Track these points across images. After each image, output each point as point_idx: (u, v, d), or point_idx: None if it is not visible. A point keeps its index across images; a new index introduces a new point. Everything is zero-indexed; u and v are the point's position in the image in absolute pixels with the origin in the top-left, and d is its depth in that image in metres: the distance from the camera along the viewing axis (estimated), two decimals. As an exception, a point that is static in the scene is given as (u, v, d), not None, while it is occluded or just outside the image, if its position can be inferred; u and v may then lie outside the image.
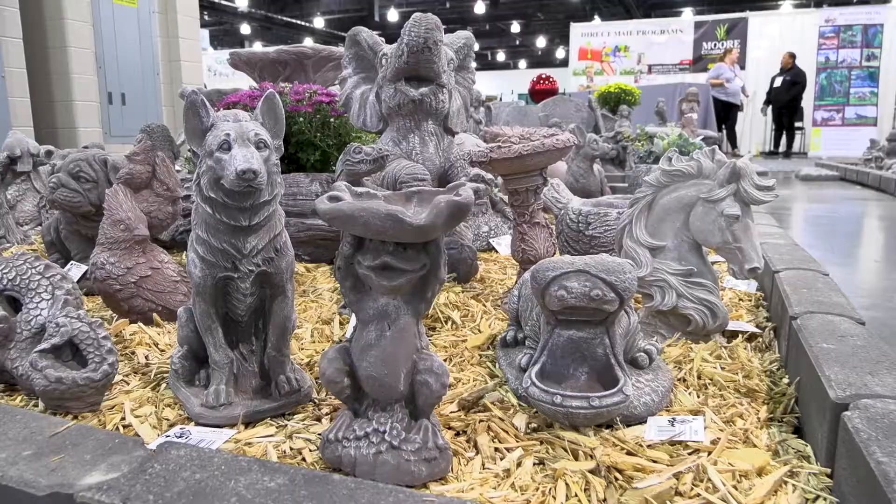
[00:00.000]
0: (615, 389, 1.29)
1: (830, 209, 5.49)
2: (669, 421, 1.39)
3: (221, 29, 25.03)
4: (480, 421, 1.42)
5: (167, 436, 1.39)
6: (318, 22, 24.54)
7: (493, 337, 1.96)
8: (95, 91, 7.66)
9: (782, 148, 13.13)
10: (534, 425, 1.38)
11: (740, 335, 1.91)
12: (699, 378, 1.66)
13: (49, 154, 3.39)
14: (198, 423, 1.46)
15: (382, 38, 2.70)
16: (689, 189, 1.87)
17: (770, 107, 12.66)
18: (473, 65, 2.88)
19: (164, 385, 1.67)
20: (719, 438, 1.31)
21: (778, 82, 12.44)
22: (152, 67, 8.48)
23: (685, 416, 1.41)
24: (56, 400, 1.49)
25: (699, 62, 15.54)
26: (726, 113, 11.76)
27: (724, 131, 11.59)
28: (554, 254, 2.28)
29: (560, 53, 27.60)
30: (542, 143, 2.03)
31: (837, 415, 1.16)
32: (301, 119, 2.92)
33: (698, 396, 1.55)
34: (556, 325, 1.40)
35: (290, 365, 1.57)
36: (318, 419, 1.49)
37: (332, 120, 2.99)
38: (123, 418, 1.49)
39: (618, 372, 1.34)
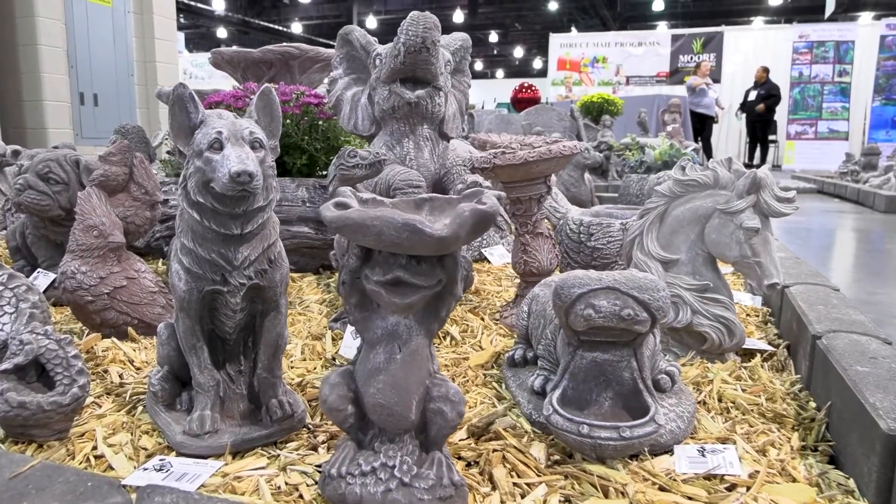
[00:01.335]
0: (646, 418, 1.18)
1: (817, 221, 5.49)
2: (699, 451, 1.29)
3: (197, 32, 24.67)
4: (494, 451, 1.30)
5: (145, 468, 1.24)
6: (296, 27, 24.33)
7: (497, 355, 1.84)
8: (67, 91, 7.40)
9: (756, 160, 13.28)
10: (556, 457, 1.26)
11: (758, 354, 1.81)
12: (720, 401, 1.55)
13: (16, 154, 3.19)
14: (180, 453, 1.31)
15: (375, 39, 2.57)
16: (705, 200, 1.78)
17: (745, 114, 12.79)
18: (469, 68, 2.77)
19: (140, 408, 1.52)
20: (757, 471, 1.20)
21: (752, 96, 12.60)
22: (126, 68, 8.24)
23: (714, 446, 1.31)
24: (18, 427, 1.33)
25: (676, 74, 15.71)
26: (702, 125, 11.87)
27: (700, 143, 11.69)
28: (557, 266, 2.17)
29: (538, 64, 27.76)
30: (548, 149, 1.92)
31: (892, 447, 1.06)
32: (287, 121, 2.78)
33: (724, 422, 1.45)
34: (579, 347, 1.29)
35: (282, 387, 1.43)
36: (314, 448, 1.35)
37: (320, 122, 2.85)
38: (95, 447, 1.33)
39: (647, 398, 1.23)
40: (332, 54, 3.35)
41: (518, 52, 26.80)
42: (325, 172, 2.99)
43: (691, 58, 15.50)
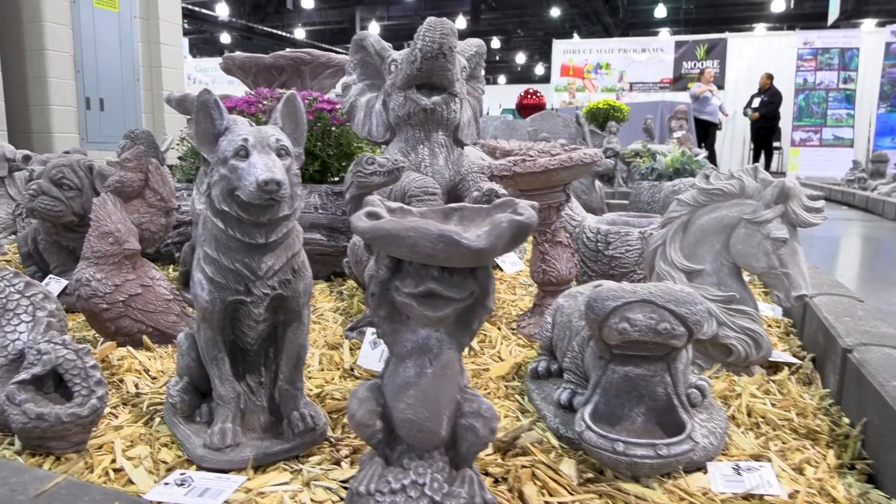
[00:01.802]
0: (683, 436, 1.15)
1: (826, 230, 5.46)
2: (734, 468, 1.25)
3: (201, 37, 24.73)
4: (523, 467, 1.27)
5: (166, 483, 1.21)
6: (299, 33, 24.37)
7: (518, 366, 1.81)
8: (73, 96, 7.39)
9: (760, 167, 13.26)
10: (588, 475, 1.22)
11: (786, 368, 1.78)
12: (749, 416, 1.52)
13: (27, 159, 3.17)
14: (200, 467, 1.28)
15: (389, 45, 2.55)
16: (731, 209, 1.75)
17: (751, 111, 12.76)
18: (483, 74, 2.75)
19: (158, 420, 1.49)
20: (796, 491, 1.17)
21: (756, 102, 12.59)
22: (132, 73, 8.23)
23: (749, 463, 1.28)
24: (36, 439, 1.30)
25: (679, 81, 15.70)
26: (705, 132, 11.86)
27: (704, 150, 11.67)
28: (576, 275, 2.14)
29: (539, 70, 27.79)
30: (569, 157, 1.90)
31: (939, 468, 1.03)
32: (300, 127, 2.75)
33: (755, 437, 1.42)
34: (611, 360, 1.25)
35: (303, 399, 1.40)
36: (338, 463, 1.32)
37: (332, 128, 2.83)
38: (114, 460, 1.30)
39: (682, 415, 1.20)
40: (342, 60, 3.34)
41: (520, 58, 26.83)
42: (337, 179, 2.97)
43: (695, 64, 15.50)
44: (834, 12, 15.12)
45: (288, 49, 3.42)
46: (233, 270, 1.24)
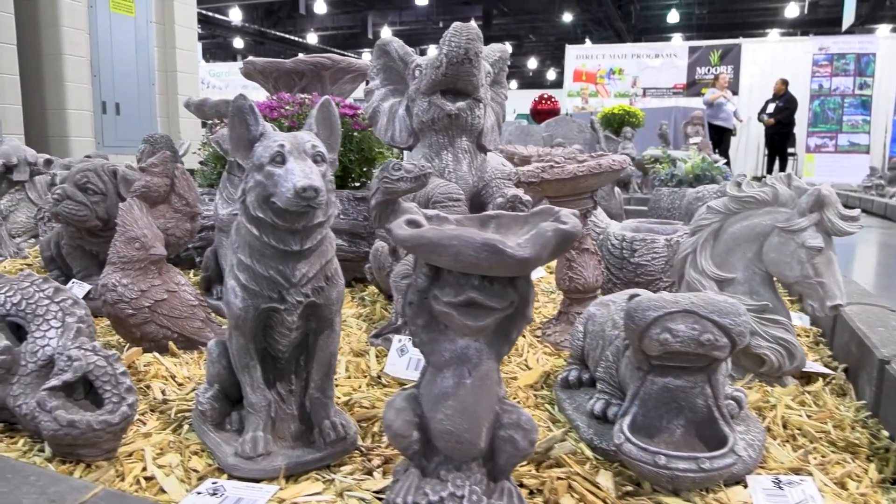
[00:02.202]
0: (726, 449, 1.13)
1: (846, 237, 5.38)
2: (774, 482, 1.23)
3: (214, 42, 24.90)
4: (558, 479, 1.24)
5: (199, 492, 1.20)
6: (311, 38, 24.50)
7: (546, 374, 1.79)
8: (89, 100, 7.45)
9: (775, 174, 13.16)
10: (628, 488, 1.20)
11: (821, 379, 1.75)
12: (785, 427, 1.49)
13: (48, 163, 3.18)
14: (231, 476, 1.27)
15: (415, 50, 2.54)
16: (763, 217, 1.72)
17: (766, 116, 12.69)
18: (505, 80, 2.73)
19: (186, 427, 1.47)
20: (842, 506, 1.14)
21: (771, 108, 12.50)
22: (148, 77, 8.29)
23: (790, 477, 1.25)
24: (67, 446, 1.29)
25: (693, 87, 15.64)
26: (719, 137, 11.79)
27: (719, 156, 11.59)
28: (602, 283, 2.12)
29: (551, 75, 27.77)
30: (598, 163, 1.88)
31: None
32: (321, 132, 2.74)
33: (793, 450, 1.39)
34: (649, 371, 1.23)
35: (333, 408, 1.39)
36: (370, 473, 1.30)
37: (354, 134, 2.82)
38: (145, 468, 1.29)
39: (723, 427, 1.18)
40: (362, 65, 3.34)
41: (532, 63, 26.82)
42: (358, 184, 2.96)
43: (709, 70, 15.44)
44: (848, 18, 15.00)
45: (301, 54, 3.43)
46: (267, 277, 1.23)
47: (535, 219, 1.13)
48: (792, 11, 18.44)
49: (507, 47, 2.63)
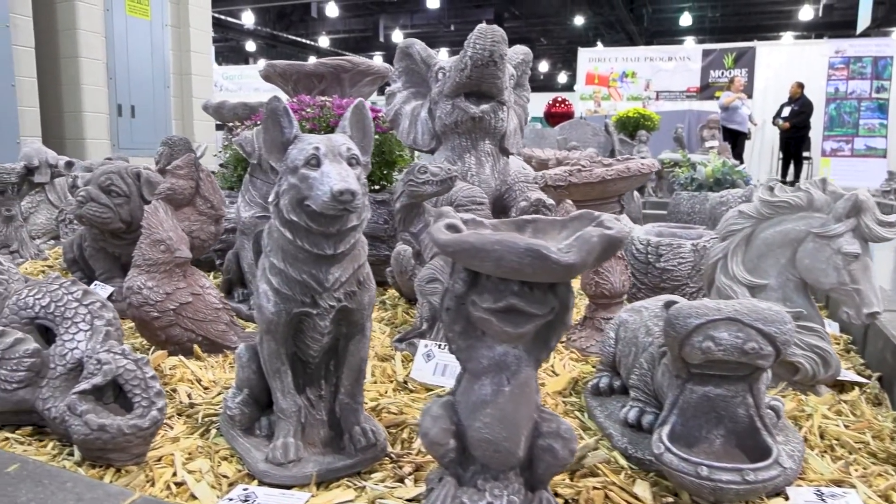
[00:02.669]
0: (770, 461, 1.10)
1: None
2: (816, 494, 1.20)
3: (227, 45, 25.02)
4: (594, 488, 1.22)
5: (230, 499, 1.18)
6: (323, 41, 24.57)
7: (575, 381, 1.77)
8: (105, 102, 7.48)
9: (790, 177, 13.05)
10: (668, 499, 1.18)
11: (857, 388, 1.71)
12: (822, 438, 1.46)
13: (69, 165, 3.19)
14: (262, 482, 1.25)
15: (435, 52, 2.53)
16: (798, 223, 1.69)
17: (781, 120, 12.60)
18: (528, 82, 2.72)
19: (214, 432, 1.46)
20: (890, 520, 1.11)
21: (786, 111, 12.41)
22: (163, 80, 8.32)
23: (832, 489, 1.22)
24: (97, 451, 1.28)
25: (706, 90, 15.54)
26: (734, 141, 11.70)
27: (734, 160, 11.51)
28: (628, 287, 2.09)
29: (562, 78, 27.71)
30: (626, 167, 1.86)
31: None
32: (342, 135, 2.73)
33: (833, 461, 1.36)
34: (688, 380, 1.21)
35: (363, 414, 1.37)
36: (401, 480, 1.28)
37: (375, 136, 2.80)
38: (174, 473, 1.28)
39: (766, 438, 1.15)
40: (382, 68, 3.33)
41: (543, 66, 26.77)
42: (378, 187, 2.94)
43: (722, 73, 15.34)
44: (864, 20, 14.86)
45: (330, 57, 3.42)
46: (300, 282, 1.21)
47: (574, 223, 1.11)
48: (806, 14, 18.28)
49: (529, 50, 2.61)
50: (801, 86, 12.40)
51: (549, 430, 1.07)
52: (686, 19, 19.39)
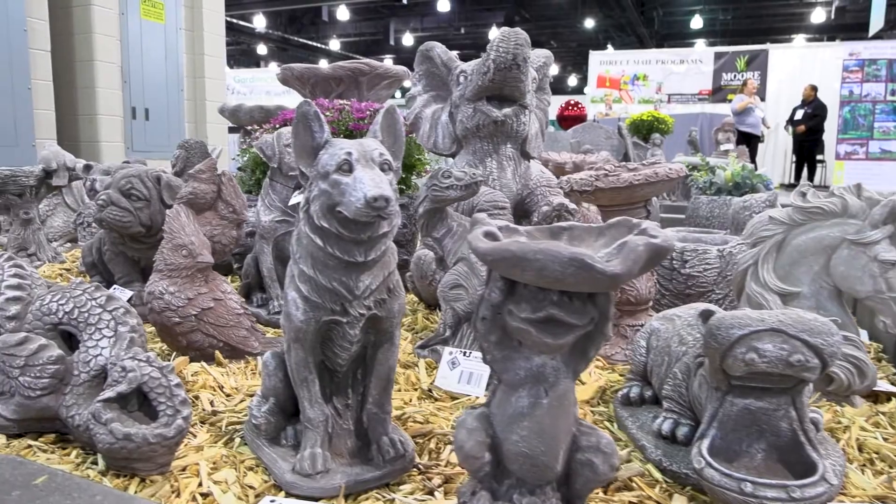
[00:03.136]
0: (816, 477, 1.06)
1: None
2: (862, 511, 1.16)
3: (238, 49, 25.13)
4: (630, 503, 1.19)
5: (258, 510, 1.16)
6: (334, 44, 24.64)
7: (602, 390, 1.73)
8: (120, 105, 7.52)
9: (803, 180, 12.96)
10: (709, 515, 1.14)
11: (894, 398, 1.67)
12: (860, 451, 1.42)
13: (87, 168, 3.19)
14: (289, 494, 1.23)
15: (457, 56, 2.50)
16: (832, 229, 1.65)
17: (792, 127, 12.50)
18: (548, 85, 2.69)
19: (238, 440, 1.44)
20: (941, 540, 1.07)
21: (799, 115, 12.32)
22: (177, 83, 8.36)
23: (878, 505, 1.18)
24: (122, 460, 1.26)
25: (718, 93, 15.46)
26: (747, 144, 11.62)
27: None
28: (654, 294, 2.05)
29: (573, 81, 27.65)
30: (654, 172, 1.82)
31: None
32: (361, 139, 2.71)
33: (874, 476, 1.32)
34: (728, 392, 1.17)
35: (391, 424, 1.34)
36: (431, 493, 1.25)
37: (393, 140, 2.78)
38: (200, 484, 1.26)
39: (811, 453, 1.11)
40: (399, 71, 3.31)
41: (553, 69, 26.71)
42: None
43: (735, 76, 15.25)
44: (876, 23, 14.71)
45: (348, 60, 3.40)
46: (329, 289, 1.19)
47: (612, 231, 1.08)
48: (818, 17, 18.16)
49: (550, 53, 2.58)
50: (814, 88, 12.32)
51: (589, 444, 1.04)
52: (697, 22, 19.31)
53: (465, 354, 1.74)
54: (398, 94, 4.41)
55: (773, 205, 2.79)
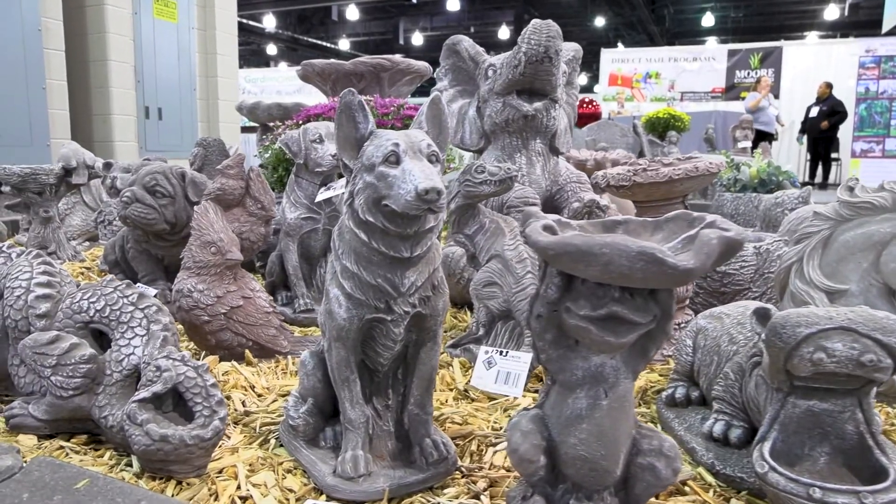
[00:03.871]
0: (889, 482, 1.01)
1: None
2: (930, 518, 1.10)
3: (248, 48, 25.18)
4: (687, 508, 1.14)
5: (300, 515, 1.12)
6: (343, 44, 24.64)
7: (643, 390, 1.68)
8: (133, 105, 7.52)
9: (818, 179, 12.81)
10: (774, 522, 1.09)
11: (948, 399, 1.61)
12: (918, 454, 1.36)
13: (108, 166, 3.17)
14: (331, 498, 1.19)
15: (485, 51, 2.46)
16: (882, 224, 1.60)
17: (805, 136, 12.40)
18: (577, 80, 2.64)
19: (273, 442, 1.40)
20: None
21: (814, 112, 12.19)
22: (189, 83, 8.35)
23: (947, 512, 1.12)
24: (159, 462, 1.23)
25: (732, 90, 15.33)
26: (761, 141, 11.52)
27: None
28: (690, 293, 2.00)
29: (582, 79, 27.56)
30: (694, 166, 1.77)
31: None
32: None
33: (938, 480, 1.26)
34: (790, 393, 1.12)
35: (433, 425, 1.30)
36: (476, 497, 1.21)
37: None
38: (238, 486, 1.22)
39: (881, 457, 1.06)
40: (421, 67, 3.27)
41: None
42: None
43: (748, 73, 15.11)
44: (890, 19, 14.54)
45: (371, 56, 3.36)
46: (374, 286, 1.15)
47: (670, 225, 1.04)
48: (832, 13, 17.98)
49: (579, 46, 2.53)
50: (829, 86, 12.18)
51: (651, 448, 0.99)
52: (708, 20, 19.17)
53: (501, 354, 1.69)
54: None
55: (805, 201, 2.73)
